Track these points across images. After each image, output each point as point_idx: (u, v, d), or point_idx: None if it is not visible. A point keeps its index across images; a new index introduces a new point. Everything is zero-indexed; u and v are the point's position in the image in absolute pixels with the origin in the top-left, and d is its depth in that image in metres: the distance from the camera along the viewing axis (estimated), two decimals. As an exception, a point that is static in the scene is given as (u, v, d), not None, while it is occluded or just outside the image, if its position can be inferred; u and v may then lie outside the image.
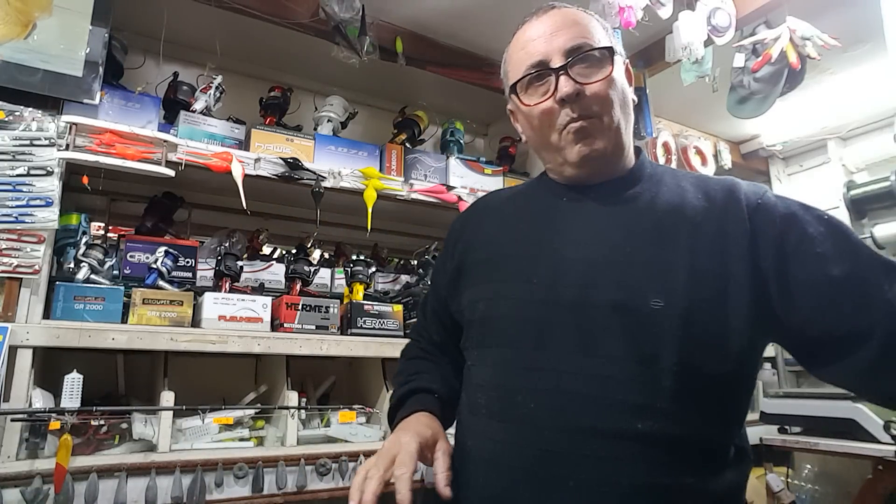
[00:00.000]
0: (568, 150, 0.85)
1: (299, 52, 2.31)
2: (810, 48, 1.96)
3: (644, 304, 0.75)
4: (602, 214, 0.85)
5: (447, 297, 1.00)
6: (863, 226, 3.02)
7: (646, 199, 0.85)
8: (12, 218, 1.54)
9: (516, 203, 0.99)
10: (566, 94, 0.82)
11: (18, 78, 1.58)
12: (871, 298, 0.71)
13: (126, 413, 1.67)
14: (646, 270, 0.77)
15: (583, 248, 0.83)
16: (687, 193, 0.84)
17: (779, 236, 0.77)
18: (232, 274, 1.98)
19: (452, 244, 1.02)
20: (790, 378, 3.03)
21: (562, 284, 0.81)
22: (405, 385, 0.98)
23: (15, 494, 1.38)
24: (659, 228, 0.81)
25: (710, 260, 0.76)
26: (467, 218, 1.05)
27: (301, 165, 2.01)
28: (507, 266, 0.89)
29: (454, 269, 0.98)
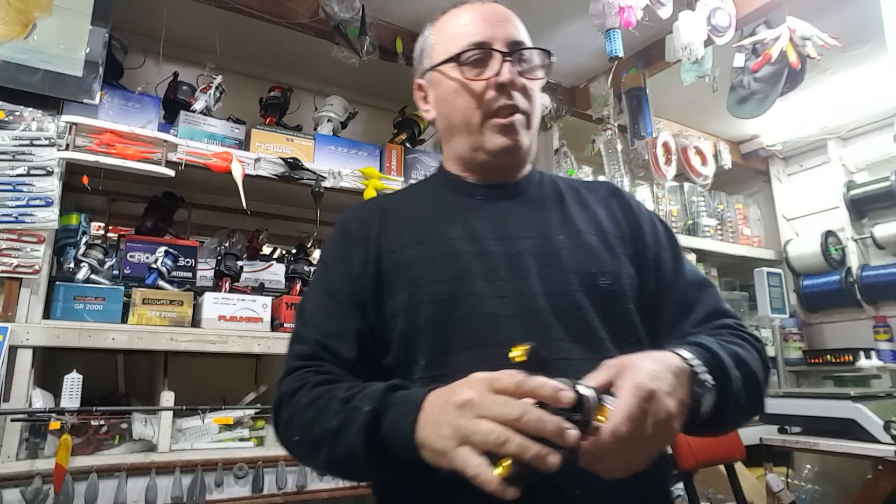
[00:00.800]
0: (489, 137, 0.86)
1: (299, 52, 2.31)
2: (810, 48, 1.96)
3: (595, 285, 0.81)
4: (522, 210, 0.88)
5: (366, 303, 0.83)
6: (863, 226, 3.03)
7: (551, 197, 0.92)
8: (12, 218, 1.54)
9: (425, 203, 0.92)
10: (508, 79, 0.83)
11: (18, 78, 1.58)
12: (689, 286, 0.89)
13: (126, 413, 1.67)
14: (585, 256, 0.84)
15: (521, 242, 0.84)
16: (580, 191, 0.94)
17: (654, 228, 0.92)
18: (232, 274, 1.98)
19: (361, 245, 0.87)
20: (790, 378, 3.03)
21: (524, 276, 0.81)
22: (361, 400, 0.67)
23: (15, 494, 1.38)
24: (573, 219, 0.88)
25: (619, 242, 0.88)
26: (365, 219, 0.91)
27: (301, 165, 2.01)
28: (448, 264, 0.81)
29: (373, 273, 0.84)
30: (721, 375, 0.69)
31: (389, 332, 0.81)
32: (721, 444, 2.08)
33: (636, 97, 2.45)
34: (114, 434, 1.63)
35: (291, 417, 0.74)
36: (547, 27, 2.26)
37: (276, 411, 0.78)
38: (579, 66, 2.57)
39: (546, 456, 0.52)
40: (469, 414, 0.56)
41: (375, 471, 0.69)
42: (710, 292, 0.88)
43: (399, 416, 0.63)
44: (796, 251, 3.17)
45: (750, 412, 0.77)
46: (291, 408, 0.74)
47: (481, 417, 0.55)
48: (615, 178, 2.62)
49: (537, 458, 0.52)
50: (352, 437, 0.65)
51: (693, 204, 3.13)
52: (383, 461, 0.64)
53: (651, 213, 0.96)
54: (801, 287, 3.18)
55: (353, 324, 0.82)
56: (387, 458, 0.64)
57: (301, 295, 2.07)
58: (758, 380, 0.76)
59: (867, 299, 2.91)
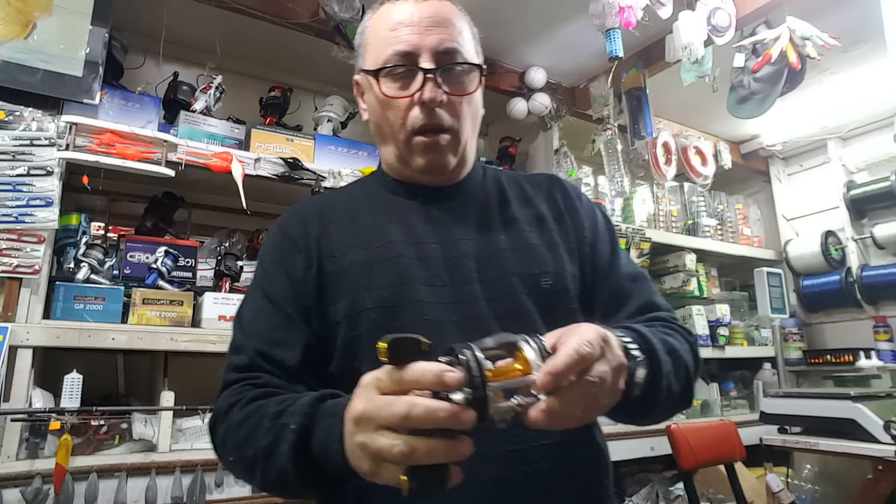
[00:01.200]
0: (414, 157, 0.84)
1: (299, 52, 2.31)
2: (810, 48, 1.96)
3: (538, 287, 0.81)
4: (463, 211, 0.87)
5: (310, 309, 0.80)
6: (863, 226, 3.03)
7: (493, 196, 0.90)
8: (12, 218, 1.54)
9: (364, 204, 0.89)
10: (429, 98, 0.79)
11: (18, 78, 1.58)
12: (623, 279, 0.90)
13: (126, 413, 1.67)
14: (526, 256, 0.83)
15: (462, 245, 0.82)
16: (523, 187, 0.94)
17: (594, 219, 0.92)
18: (232, 274, 1.98)
19: (303, 248, 0.84)
20: (790, 378, 3.03)
21: (466, 281, 0.79)
22: (290, 416, 0.63)
23: (15, 494, 1.38)
24: (515, 218, 0.88)
25: (562, 237, 0.88)
26: (305, 220, 0.87)
27: (301, 165, 2.01)
28: (390, 269, 0.79)
29: (315, 279, 0.81)
30: (650, 355, 0.68)
31: (332, 339, 0.78)
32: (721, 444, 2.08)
33: (636, 97, 2.45)
34: (114, 434, 1.62)
35: (226, 437, 0.70)
36: (547, 27, 2.26)
37: (211, 430, 0.74)
38: (579, 66, 2.57)
39: (455, 449, 0.50)
40: (367, 428, 0.52)
41: (317, 489, 0.65)
42: (644, 285, 0.88)
43: (326, 431, 0.58)
44: (796, 251, 3.17)
45: (680, 401, 0.77)
46: (225, 426, 0.71)
47: (378, 429, 0.51)
48: (615, 178, 2.62)
49: (447, 456, 0.50)
50: (281, 457, 0.61)
51: (693, 204, 3.13)
52: (322, 477, 0.61)
53: (592, 203, 0.96)
54: (801, 287, 3.18)
55: (298, 331, 0.78)
56: (326, 473, 0.60)
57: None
58: (688, 368, 0.76)
59: (867, 299, 2.91)
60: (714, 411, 2.80)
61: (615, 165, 2.61)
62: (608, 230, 0.92)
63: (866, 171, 3.07)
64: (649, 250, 2.73)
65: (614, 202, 2.84)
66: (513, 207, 0.89)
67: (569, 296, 0.82)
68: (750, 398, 2.99)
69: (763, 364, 3.12)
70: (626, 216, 2.87)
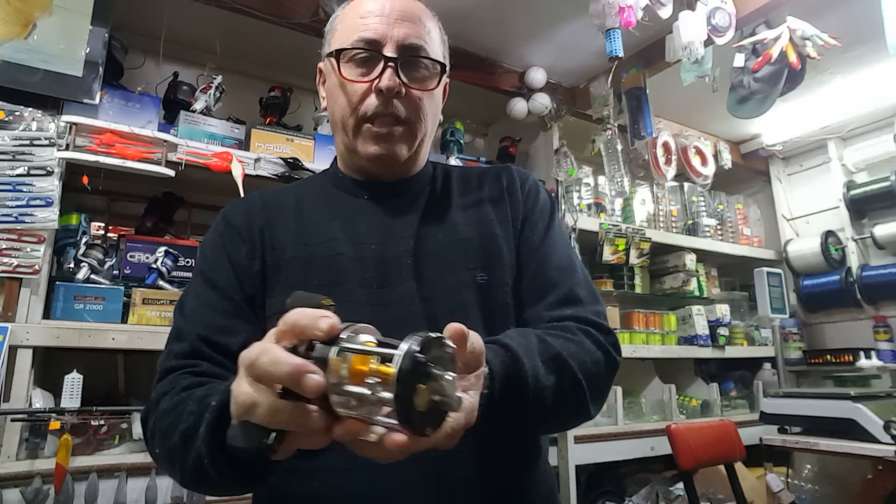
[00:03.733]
0: (362, 143, 0.82)
1: (299, 52, 2.30)
2: (810, 48, 1.96)
3: (473, 283, 0.79)
4: (407, 209, 0.85)
5: (254, 296, 0.79)
6: (863, 226, 3.03)
7: (439, 193, 0.89)
8: (12, 218, 1.54)
9: (311, 199, 0.89)
10: (387, 86, 0.78)
11: (18, 78, 1.58)
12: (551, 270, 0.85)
13: (126, 413, 1.67)
14: (462, 252, 0.81)
15: (402, 243, 0.81)
16: (470, 180, 0.92)
17: (533, 203, 0.89)
18: (232, 274, 1.97)
19: (247, 239, 0.82)
20: (790, 378, 3.03)
21: (402, 280, 0.78)
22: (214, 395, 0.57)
23: (15, 494, 1.38)
24: (457, 214, 0.86)
25: (503, 227, 0.86)
26: (251, 211, 0.86)
27: (301, 165, 2.01)
28: (326, 268, 0.79)
29: (259, 270, 0.80)
30: (515, 381, 0.62)
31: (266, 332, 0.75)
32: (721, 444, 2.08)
33: (636, 97, 2.45)
34: (114, 434, 1.63)
35: (154, 428, 0.65)
36: (547, 27, 2.26)
37: (142, 423, 0.70)
38: (579, 66, 2.57)
39: (298, 416, 0.45)
40: (240, 375, 0.48)
41: (232, 480, 0.56)
42: (570, 275, 0.83)
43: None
44: (796, 251, 3.17)
45: (562, 418, 0.74)
46: (154, 417, 0.65)
47: (247, 377, 0.47)
48: (615, 179, 2.62)
49: (287, 421, 0.45)
50: (198, 439, 0.55)
51: (693, 204, 3.13)
52: (240, 467, 0.54)
53: (539, 187, 0.92)
54: (801, 287, 3.18)
55: (243, 316, 0.77)
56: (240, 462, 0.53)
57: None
58: (576, 382, 0.69)
59: (867, 299, 2.91)
60: (714, 411, 2.80)
61: (615, 165, 2.61)
62: (545, 215, 0.88)
63: (866, 171, 3.07)
64: (649, 250, 2.73)
65: (614, 202, 2.84)
66: (455, 202, 0.88)
67: (503, 290, 0.80)
68: (750, 398, 2.99)
69: (763, 364, 3.12)
70: (626, 216, 2.87)
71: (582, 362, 0.70)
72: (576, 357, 0.70)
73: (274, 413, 0.45)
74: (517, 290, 0.82)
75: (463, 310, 0.77)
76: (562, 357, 0.68)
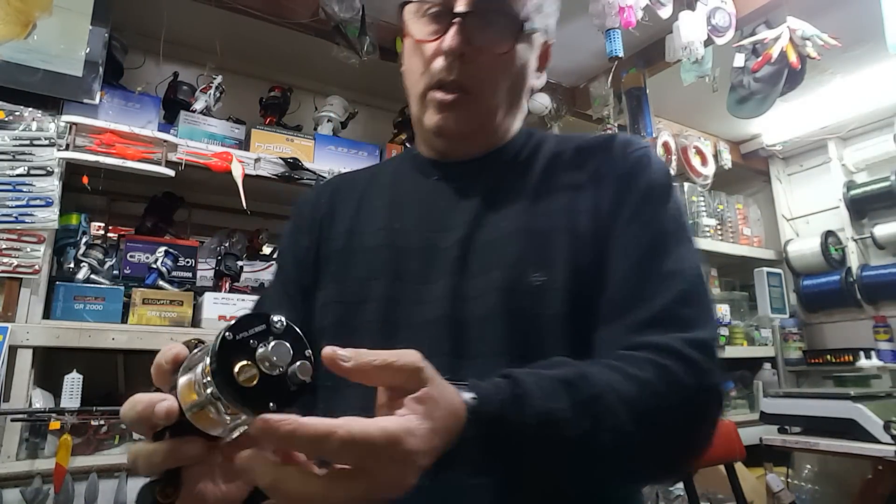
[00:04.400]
0: (427, 113, 0.72)
1: (299, 52, 2.31)
2: (810, 48, 1.96)
3: (523, 282, 0.64)
4: (473, 193, 0.72)
5: (308, 288, 0.77)
6: (863, 226, 3.03)
7: (522, 171, 0.74)
8: (12, 218, 1.54)
9: (378, 183, 0.82)
10: (448, 47, 0.67)
11: (18, 78, 1.58)
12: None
13: (126, 413, 1.67)
14: (525, 245, 0.66)
15: (455, 233, 0.69)
16: (565, 156, 0.74)
17: (628, 184, 0.69)
18: (232, 274, 1.98)
19: (307, 229, 0.80)
20: (790, 378, 3.03)
21: (441, 276, 0.67)
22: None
23: (15, 494, 1.38)
24: (535, 197, 0.70)
25: (589, 216, 0.67)
26: (317, 201, 0.83)
27: (301, 165, 2.01)
28: (366, 260, 0.72)
29: (313, 261, 0.78)
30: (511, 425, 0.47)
31: (316, 323, 0.73)
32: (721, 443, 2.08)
33: (636, 97, 2.45)
34: (114, 434, 1.62)
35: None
36: (547, 27, 2.26)
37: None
38: (579, 66, 2.57)
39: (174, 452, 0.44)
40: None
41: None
42: (671, 285, 0.62)
43: None
44: (796, 251, 3.17)
45: (617, 475, 0.56)
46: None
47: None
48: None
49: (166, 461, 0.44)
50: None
51: (693, 204, 3.13)
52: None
53: (646, 164, 0.71)
54: (801, 287, 3.18)
55: (295, 309, 0.75)
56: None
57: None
58: (623, 434, 0.51)
59: (867, 299, 2.91)
60: (714, 411, 2.79)
61: (615, 165, 2.61)
62: (650, 201, 0.68)
63: (866, 171, 3.07)
64: (649, 250, 2.73)
65: (614, 202, 2.83)
66: (534, 184, 0.72)
67: (563, 297, 0.63)
68: (750, 398, 2.99)
69: (763, 364, 3.12)
70: (626, 216, 2.87)
71: (639, 409, 0.52)
72: (630, 401, 0.52)
73: (149, 457, 0.44)
74: (589, 300, 0.63)
75: (493, 317, 0.63)
76: (604, 400, 0.51)
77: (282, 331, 0.42)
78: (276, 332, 0.42)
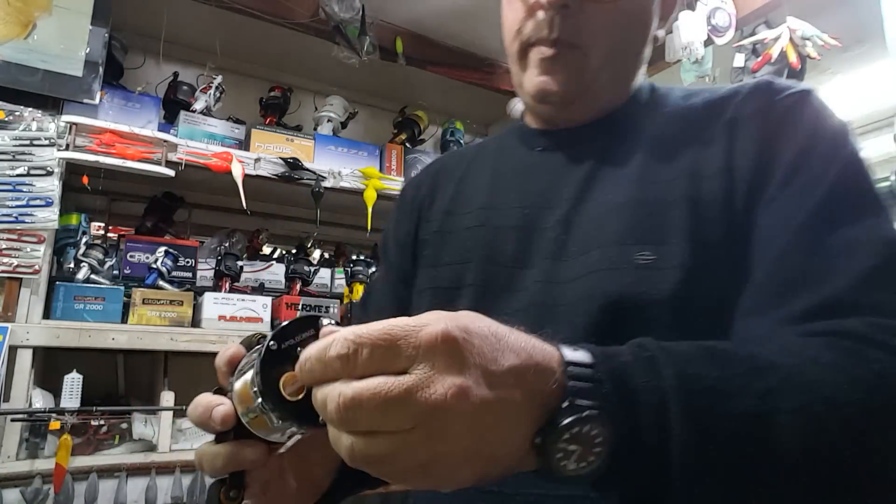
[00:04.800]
0: (528, 75, 0.63)
1: (299, 52, 2.31)
2: (810, 48, 1.97)
3: (628, 261, 0.53)
4: (580, 163, 0.63)
5: (408, 273, 0.73)
6: (863, 226, 3.03)
7: (639, 134, 0.62)
8: (12, 218, 1.54)
9: (481, 159, 0.75)
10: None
11: (18, 78, 1.58)
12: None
13: (126, 413, 1.67)
14: (634, 219, 0.55)
15: (558, 210, 0.61)
16: (694, 111, 0.61)
17: (779, 148, 0.54)
18: (232, 274, 1.98)
19: (408, 211, 0.76)
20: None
21: (543, 258, 0.59)
22: None
23: (15, 494, 1.38)
24: (650, 164, 0.59)
25: (711, 183, 0.54)
26: (421, 182, 0.78)
27: (301, 165, 2.01)
28: (460, 243, 0.66)
29: (412, 244, 0.74)
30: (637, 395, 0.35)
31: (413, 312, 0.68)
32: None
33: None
34: (114, 434, 1.63)
35: None
36: (547, 27, 2.26)
37: None
38: (579, 66, 2.57)
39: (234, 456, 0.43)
40: None
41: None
42: (846, 264, 0.45)
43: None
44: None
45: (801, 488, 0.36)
46: None
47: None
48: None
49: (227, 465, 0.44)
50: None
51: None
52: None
53: (808, 112, 0.58)
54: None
55: (393, 298, 0.73)
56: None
57: (301, 295, 2.07)
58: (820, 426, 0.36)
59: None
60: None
61: (615, 165, 2.61)
62: (812, 158, 0.52)
63: (866, 171, 3.07)
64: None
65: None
66: (651, 147, 0.60)
67: (671, 278, 0.51)
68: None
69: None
70: (626, 216, 2.87)
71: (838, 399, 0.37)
72: (817, 384, 0.37)
73: (212, 460, 0.44)
74: (716, 284, 0.50)
75: (586, 302, 0.53)
76: (779, 373, 0.37)
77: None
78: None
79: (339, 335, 0.33)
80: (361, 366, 0.32)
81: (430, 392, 0.31)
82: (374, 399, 0.31)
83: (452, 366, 0.31)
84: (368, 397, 0.31)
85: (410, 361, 0.31)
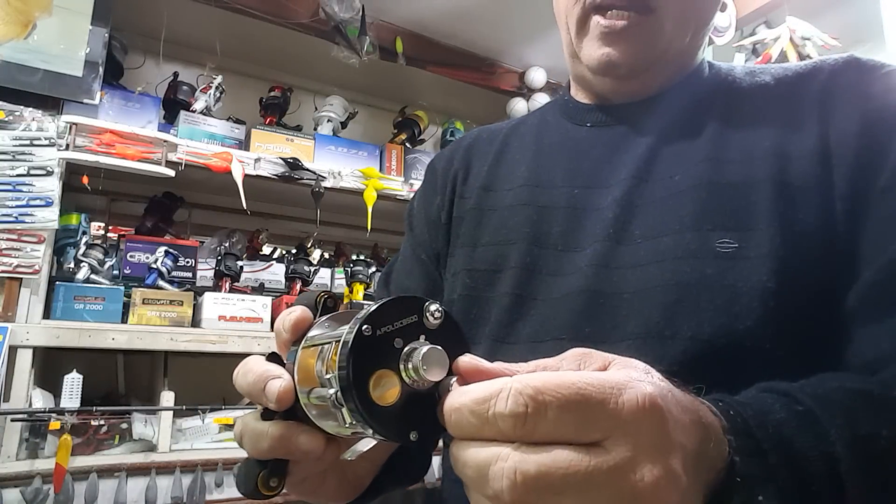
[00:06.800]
0: (588, 46, 0.57)
1: (299, 52, 2.31)
2: (810, 48, 1.96)
3: (708, 248, 0.48)
4: (638, 141, 0.57)
5: (440, 253, 0.68)
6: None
7: (705, 110, 0.56)
8: (12, 218, 1.54)
9: (521, 133, 0.69)
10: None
11: (18, 78, 1.58)
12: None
13: (126, 413, 1.67)
14: (709, 203, 0.50)
15: (615, 190, 0.55)
16: (768, 89, 0.56)
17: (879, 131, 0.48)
18: (232, 274, 1.98)
19: (441, 187, 0.70)
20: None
21: (594, 241, 0.54)
22: None
23: (15, 494, 1.38)
24: (717, 144, 0.53)
25: (797, 165, 0.49)
26: (454, 152, 0.72)
27: (301, 165, 2.01)
28: (501, 222, 0.61)
29: (446, 222, 0.68)
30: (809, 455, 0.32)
31: (445, 294, 0.64)
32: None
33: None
34: (114, 434, 1.63)
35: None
36: (547, 27, 2.26)
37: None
38: (579, 66, 2.57)
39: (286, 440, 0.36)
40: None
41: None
42: None
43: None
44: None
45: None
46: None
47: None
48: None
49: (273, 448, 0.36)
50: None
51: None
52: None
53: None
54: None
55: (426, 276, 0.68)
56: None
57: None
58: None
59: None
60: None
61: (615, 165, 2.61)
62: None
63: (866, 171, 3.07)
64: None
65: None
66: (721, 126, 0.54)
67: (759, 267, 0.45)
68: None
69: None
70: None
71: None
72: None
73: (256, 439, 0.37)
74: (811, 277, 0.45)
75: (654, 291, 0.48)
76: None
77: (438, 324, 0.32)
78: (430, 328, 0.32)
79: (510, 386, 0.26)
80: (542, 431, 0.26)
81: (636, 478, 0.25)
82: (567, 480, 0.25)
83: (658, 445, 0.26)
84: (561, 477, 0.25)
85: (606, 432, 0.26)
